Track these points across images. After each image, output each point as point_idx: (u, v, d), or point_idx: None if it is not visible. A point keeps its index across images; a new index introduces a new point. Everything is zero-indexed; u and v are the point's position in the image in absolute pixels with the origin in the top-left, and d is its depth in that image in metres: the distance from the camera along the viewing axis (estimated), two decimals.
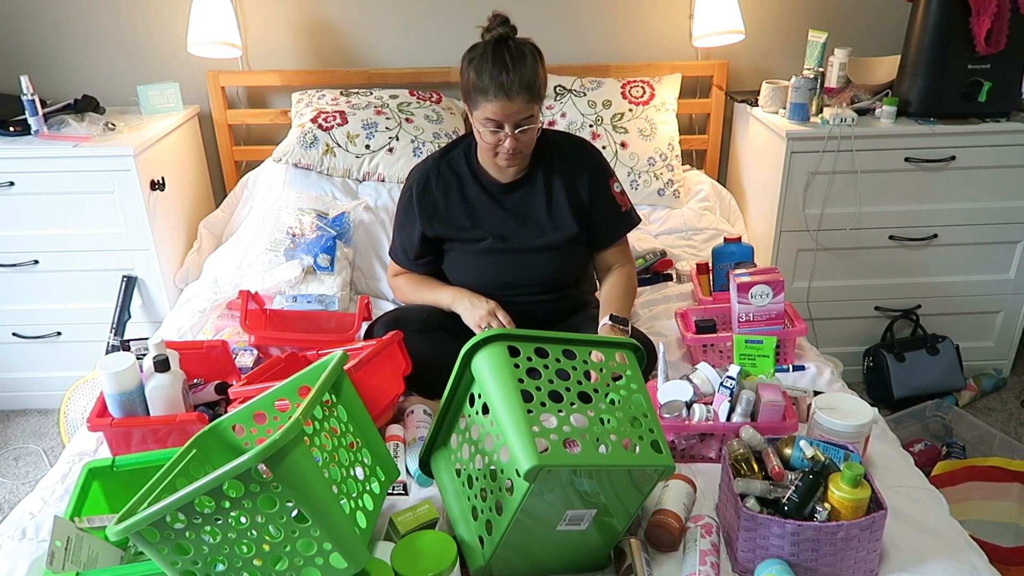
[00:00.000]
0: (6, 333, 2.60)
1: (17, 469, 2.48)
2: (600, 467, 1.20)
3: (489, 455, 1.26)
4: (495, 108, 1.69)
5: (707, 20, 2.63)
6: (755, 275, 1.89)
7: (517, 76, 1.66)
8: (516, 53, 1.68)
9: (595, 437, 1.22)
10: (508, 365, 1.24)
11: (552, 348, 1.30)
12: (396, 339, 1.72)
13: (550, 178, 1.89)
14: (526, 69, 1.68)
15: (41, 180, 2.37)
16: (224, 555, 1.14)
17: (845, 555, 1.27)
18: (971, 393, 2.66)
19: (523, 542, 1.26)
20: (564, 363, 1.30)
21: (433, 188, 1.90)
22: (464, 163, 1.90)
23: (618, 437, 1.24)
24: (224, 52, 2.63)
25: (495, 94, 1.67)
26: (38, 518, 1.46)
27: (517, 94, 1.67)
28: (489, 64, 1.67)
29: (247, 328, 1.98)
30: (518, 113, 1.70)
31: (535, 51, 1.72)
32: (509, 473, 1.20)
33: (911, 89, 2.42)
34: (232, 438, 1.36)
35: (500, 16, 1.72)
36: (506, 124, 1.71)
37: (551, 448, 1.17)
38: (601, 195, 1.92)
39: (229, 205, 2.73)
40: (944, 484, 2.00)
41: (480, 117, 1.73)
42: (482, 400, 1.28)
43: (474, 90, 1.71)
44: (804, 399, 1.68)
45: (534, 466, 1.13)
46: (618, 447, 1.23)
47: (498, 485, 1.24)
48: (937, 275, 2.62)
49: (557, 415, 1.23)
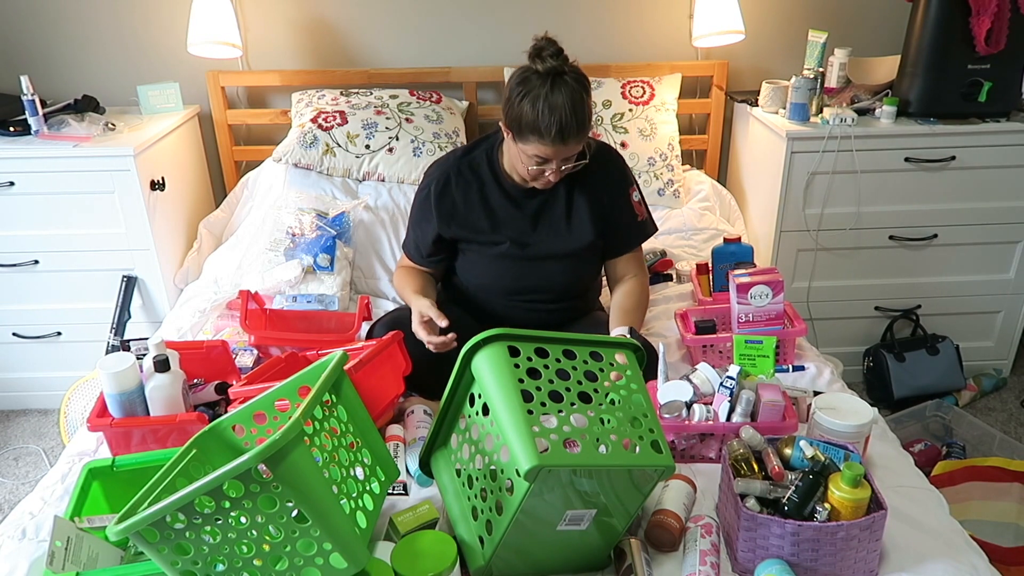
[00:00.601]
0: (6, 333, 2.60)
1: (17, 469, 2.48)
2: (600, 467, 1.20)
3: (489, 455, 1.26)
4: (549, 151, 1.65)
5: (707, 20, 2.63)
6: (755, 275, 1.89)
7: (575, 121, 1.61)
8: (574, 93, 1.61)
9: (595, 437, 1.22)
10: (508, 365, 1.24)
11: (552, 348, 1.30)
12: (396, 339, 1.72)
13: (572, 184, 1.85)
14: (584, 118, 1.63)
15: (41, 180, 2.37)
16: (224, 555, 1.14)
17: (845, 555, 1.27)
18: (971, 393, 2.66)
19: (523, 542, 1.26)
20: (564, 363, 1.29)
21: (453, 188, 1.86)
22: (486, 164, 1.86)
23: (618, 437, 1.24)
24: (224, 52, 2.63)
25: (552, 139, 1.62)
26: (38, 518, 1.46)
27: (573, 138, 1.64)
28: (546, 105, 1.60)
29: (247, 328, 1.98)
30: (568, 151, 1.68)
31: (585, 84, 1.66)
32: (509, 473, 1.20)
33: (911, 89, 2.42)
34: (232, 438, 1.36)
35: (551, 42, 1.63)
36: (555, 161, 1.69)
37: (551, 448, 1.17)
38: (619, 204, 1.89)
39: (229, 205, 2.73)
40: (944, 484, 2.00)
41: (528, 151, 1.68)
42: (482, 400, 1.28)
43: (526, 127, 1.64)
44: (804, 399, 1.68)
45: (534, 466, 1.13)
46: (618, 447, 1.23)
47: (498, 485, 1.24)
48: (937, 275, 2.62)
49: (557, 415, 1.23)
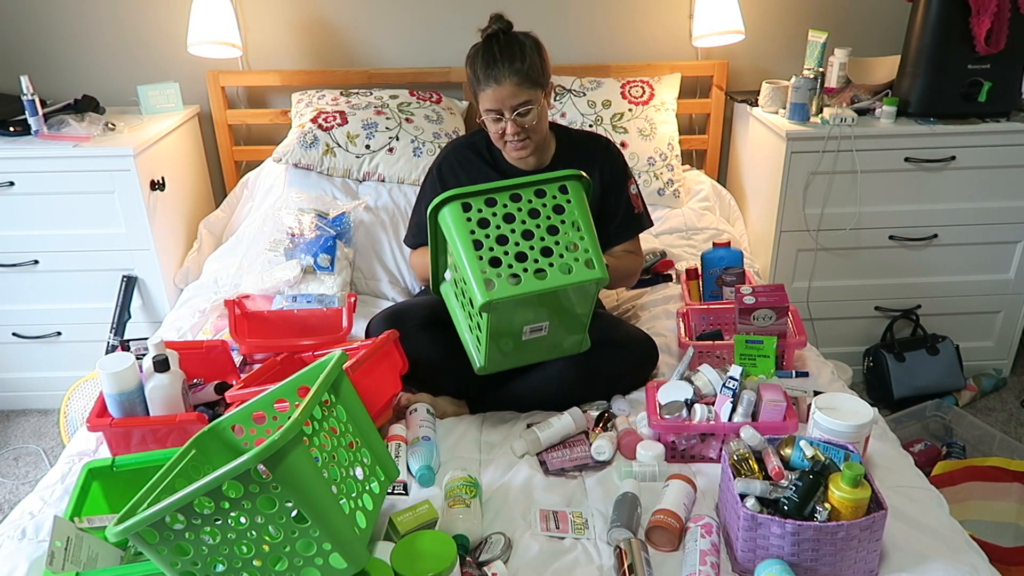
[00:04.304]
0: (6, 333, 2.60)
1: (17, 469, 2.48)
2: (538, 292, 1.49)
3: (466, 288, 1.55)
4: (489, 96, 1.76)
5: (707, 20, 2.63)
6: (759, 295, 1.87)
7: (505, 62, 1.74)
8: (505, 43, 1.75)
9: (535, 270, 1.50)
10: (462, 219, 1.50)
11: (500, 196, 1.54)
12: (392, 338, 1.71)
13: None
14: (515, 56, 1.75)
15: (41, 180, 2.37)
16: (224, 556, 1.14)
17: (845, 555, 1.27)
18: (971, 393, 2.66)
19: (503, 348, 1.62)
20: (511, 207, 1.53)
21: (457, 168, 1.95)
22: (485, 147, 1.96)
23: (557, 264, 1.51)
24: (224, 52, 2.63)
25: (486, 83, 1.76)
26: (38, 518, 1.46)
27: (506, 78, 1.74)
28: (480, 57, 1.77)
29: (236, 337, 1.97)
30: (511, 98, 1.75)
31: (529, 40, 1.79)
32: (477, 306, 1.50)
33: (911, 89, 2.42)
34: (232, 438, 1.36)
35: (496, 15, 1.79)
36: (504, 111, 1.77)
37: (498, 285, 1.48)
38: (616, 194, 1.96)
39: (229, 205, 2.73)
40: (944, 484, 2.00)
41: (483, 111, 1.80)
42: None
43: (473, 86, 1.80)
44: (804, 399, 1.68)
45: (485, 302, 1.46)
46: (555, 272, 1.51)
47: (476, 311, 1.51)
48: (937, 275, 2.62)
49: (503, 256, 1.49)
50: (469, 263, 1.48)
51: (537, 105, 1.79)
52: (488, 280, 1.48)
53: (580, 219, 1.55)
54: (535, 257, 1.51)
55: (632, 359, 1.86)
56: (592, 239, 1.55)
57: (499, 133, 1.81)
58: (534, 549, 1.38)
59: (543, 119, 1.84)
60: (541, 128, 1.84)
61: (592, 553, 1.38)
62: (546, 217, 1.54)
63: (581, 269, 1.52)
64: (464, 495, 1.43)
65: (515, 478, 1.56)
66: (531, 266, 1.50)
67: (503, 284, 1.48)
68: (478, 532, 1.39)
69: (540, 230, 1.53)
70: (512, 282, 1.49)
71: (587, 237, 1.54)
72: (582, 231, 1.54)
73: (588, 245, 1.54)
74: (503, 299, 1.47)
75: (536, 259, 1.51)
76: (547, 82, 1.82)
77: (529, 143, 1.83)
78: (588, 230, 1.55)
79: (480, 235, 1.50)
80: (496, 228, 1.51)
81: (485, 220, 1.52)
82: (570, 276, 1.52)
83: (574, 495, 1.54)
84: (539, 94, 1.79)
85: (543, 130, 1.86)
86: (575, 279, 1.52)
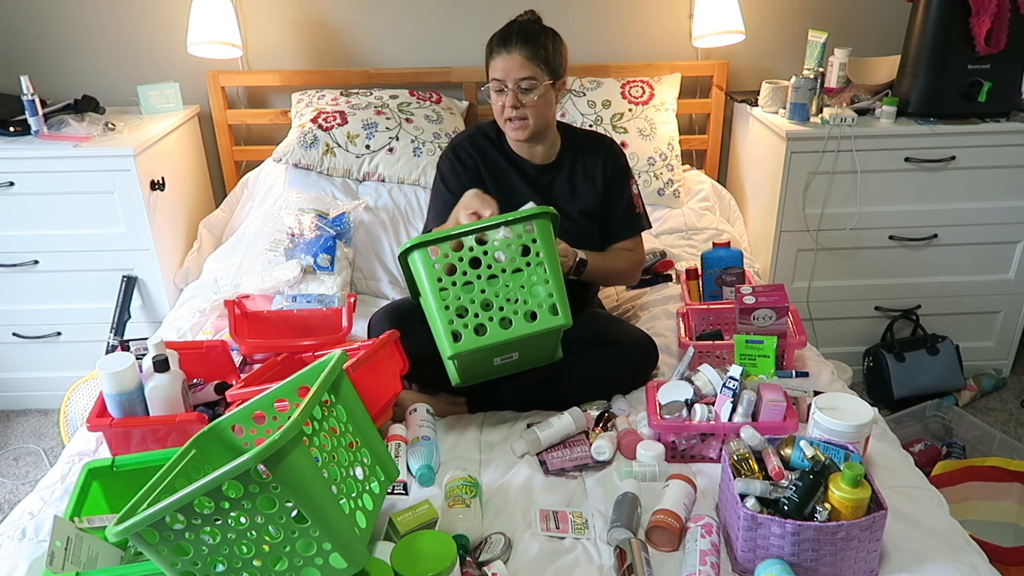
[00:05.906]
0: (6, 333, 2.60)
1: (17, 469, 2.48)
2: (504, 342, 1.53)
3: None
4: (496, 64, 1.79)
5: (707, 20, 2.63)
6: (759, 295, 1.87)
7: (520, 37, 1.77)
8: (525, 25, 1.80)
9: (500, 319, 1.53)
10: (430, 266, 1.54)
11: (467, 239, 1.55)
12: (392, 338, 1.71)
13: (574, 170, 1.96)
14: (531, 36, 1.78)
15: (41, 180, 2.37)
16: (224, 556, 1.14)
17: (845, 555, 1.27)
18: (971, 393, 2.66)
19: (477, 373, 1.67)
20: (477, 250, 1.55)
21: (471, 150, 1.95)
22: (495, 136, 1.96)
23: (520, 311, 1.54)
24: (224, 52, 2.63)
25: (497, 52, 1.79)
26: (38, 518, 1.46)
27: (516, 49, 1.77)
28: (499, 32, 1.81)
29: (236, 337, 1.97)
30: (517, 69, 1.77)
31: (550, 30, 1.83)
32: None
33: (911, 89, 2.42)
34: (232, 438, 1.36)
35: (529, 11, 1.85)
36: (508, 82, 1.78)
37: (464, 336, 1.52)
38: (617, 193, 1.97)
39: (229, 205, 2.73)
40: (944, 484, 2.00)
41: (489, 82, 1.82)
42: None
43: (486, 61, 1.83)
44: (804, 399, 1.68)
45: (452, 354, 1.53)
46: (520, 319, 1.54)
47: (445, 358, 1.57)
48: (937, 275, 2.62)
49: (470, 304, 1.53)
50: (438, 313, 1.53)
51: (541, 85, 1.79)
52: (456, 332, 1.52)
53: (547, 261, 1.56)
54: (500, 304, 1.54)
55: (632, 359, 1.86)
56: (558, 283, 1.56)
57: (500, 107, 1.82)
58: (534, 549, 1.37)
59: (547, 107, 1.84)
60: (542, 114, 1.84)
61: (592, 553, 1.38)
62: (510, 260, 1.55)
63: (546, 316, 1.55)
64: (464, 495, 1.43)
65: (515, 478, 1.56)
66: (496, 315, 1.54)
67: (469, 335, 1.52)
68: (478, 532, 1.39)
69: (505, 275, 1.55)
70: (479, 332, 1.53)
71: (552, 280, 1.56)
72: (547, 274, 1.56)
73: (553, 289, 1.55)
74: (468, 351, 1.52)
75: (502, 306, 1.54)
76: (558, 72, 1.83)
77: (527, 124, 1.83)
78: (554, 272, 1.56)
79: (447, 282, 1.53)
80: (463, 275, 1.54)
81: (452, 266, 1.54)
82: (534, 324, 1.54)
83: (574, 495, 1.54)
84: (545, 76, 1.80)
85: (545, 117, 1.85)
86: (539, 327, 1.54)
